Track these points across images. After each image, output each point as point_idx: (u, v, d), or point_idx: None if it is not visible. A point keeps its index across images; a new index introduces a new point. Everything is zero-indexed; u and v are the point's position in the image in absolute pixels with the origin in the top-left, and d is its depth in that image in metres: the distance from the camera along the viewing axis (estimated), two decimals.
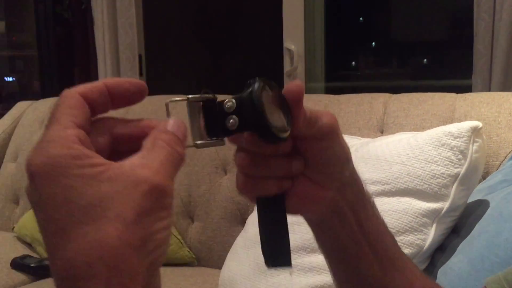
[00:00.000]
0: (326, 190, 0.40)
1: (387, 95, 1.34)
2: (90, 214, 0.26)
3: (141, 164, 0.29)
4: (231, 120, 0.35)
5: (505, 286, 0.51)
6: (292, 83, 0.38)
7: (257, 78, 0.36)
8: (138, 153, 0.30)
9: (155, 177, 0.28)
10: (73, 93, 0.31)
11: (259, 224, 0.39)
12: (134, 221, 0.27)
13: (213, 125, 0.36)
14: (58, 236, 0.27)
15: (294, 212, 0.41)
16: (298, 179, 0.39)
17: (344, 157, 0.40)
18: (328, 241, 0.44)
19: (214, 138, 0.36)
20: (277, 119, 0.35)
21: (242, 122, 0.35)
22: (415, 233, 0.93)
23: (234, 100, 0.35)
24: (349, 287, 0.46)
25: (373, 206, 0.44)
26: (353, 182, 0.42)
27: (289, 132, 0.36)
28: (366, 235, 0.42)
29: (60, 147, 0.28)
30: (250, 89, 0.35)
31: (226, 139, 0.37)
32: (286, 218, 0.39)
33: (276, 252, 0.39)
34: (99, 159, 0.28)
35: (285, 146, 0.37)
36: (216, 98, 0.37)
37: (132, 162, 0.29)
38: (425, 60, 2.44)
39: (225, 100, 0.36)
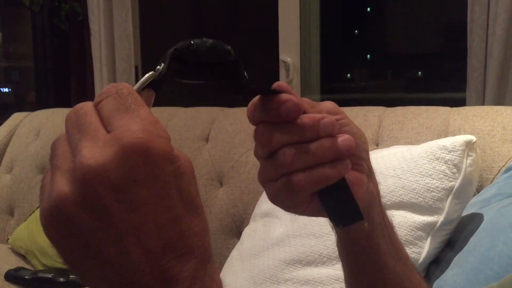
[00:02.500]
0: (362, 173, 0.40)
1: (382, 108, 1.35)
2: (192, 205, 0.29)
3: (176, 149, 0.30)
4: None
5: None
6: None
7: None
8: None
9: (187, 157, 0.31)
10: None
11: (320, 196, 0.38)
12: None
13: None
14: (174, 216, 0.28)
15: None
16: None
17: (363, 135, 0.40)
18: (363, 238, 0.43)
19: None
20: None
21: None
22: (410, 246, 0.93)
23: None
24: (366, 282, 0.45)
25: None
26: (372, 171, 0.42)
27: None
28: (387, 228, 0.42)
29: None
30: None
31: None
32: (345, 180, 0.37)
33: (345, 212, 0.38)
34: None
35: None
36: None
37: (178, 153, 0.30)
38: (419, 72, 2.46)
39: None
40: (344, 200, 0.37)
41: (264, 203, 1.22)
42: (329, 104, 0.40)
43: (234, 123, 1.52)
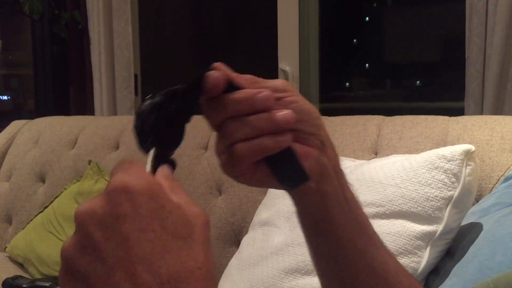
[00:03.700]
0: (311, 147, 0.41)
1: (380, 117, 1.36)
2: (182, 234, 0.30)
3: (186, 202, 0.32)
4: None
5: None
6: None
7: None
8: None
9: (204, 213, 0.32)
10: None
11: (268, 163, 0.40)
12: (208, 243, 0.32)
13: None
14: (159, 248, 0.29)
15: None
16: None
17: (314, 111, 0.41)
18: (314, 209, 0.43)
19: None
20: None
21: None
22: (410, 256, 0.93)
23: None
24: (329, 266, 0.45)
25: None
26: (331, 143, 0.42)
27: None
28: (347, 201, 0.42)
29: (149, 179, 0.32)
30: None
31: None
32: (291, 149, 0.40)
33: (291, 176, 0.40)
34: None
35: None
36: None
37: (178, 201, 0.32)
38: (418, 82, 2.47)
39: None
40: (290, 165, 0.40)
41: (263, 212, 1.22)
42: (278, 82, 0.41)
43: None
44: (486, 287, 0.51)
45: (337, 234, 0.43)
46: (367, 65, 2.59)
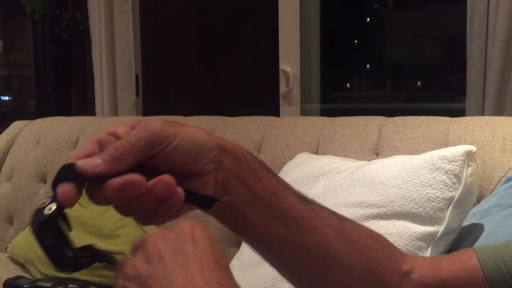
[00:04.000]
0: (205, 174, 0.41)
1: (382, 118, 1.36)
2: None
3: None
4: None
5: (499, 263, 0.48)
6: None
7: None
8: None
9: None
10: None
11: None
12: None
13: None
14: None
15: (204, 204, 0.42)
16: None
17: (195, 148, 0.40)
18: (233, 219, 0.44)
19: None
20: None
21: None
22: None
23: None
24: (278, 267, 0.47)
25: (263, 167, 0.44)
26: (231, 150, 0.42)
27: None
28: (260, 198, 0.43)
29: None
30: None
31: None
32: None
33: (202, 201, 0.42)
34: None
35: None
36: None
37: None
38: (419, 82, 2.47)
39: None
40: (199, 198, 0.42)
41: None
42: (143, 132, 0.40)
43: (235, 132, 1.52)
44: (489, 252, 0.50)
45: (259, 233, 0.44)
46: (368, 66, 2.59)
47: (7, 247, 1.59)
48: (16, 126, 1.92)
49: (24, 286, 1.36)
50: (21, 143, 1.83)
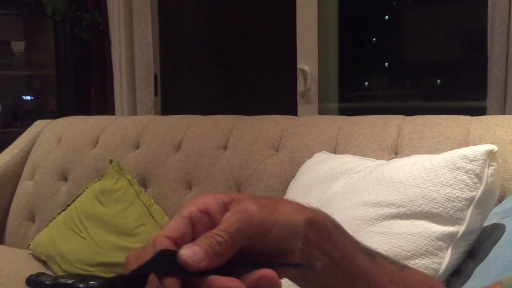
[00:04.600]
0: (293, 253, 0.40)
1: (401, 117, 1.35)
2: None
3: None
4: None
5: None
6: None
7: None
8: None
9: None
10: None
11: None
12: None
13: None
14: None
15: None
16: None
17: (289, 233, 0.39)
18: (308, 283, 0.44)
19: None
20: None
21: None
22: (431, 257, 0.93)
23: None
24: None
25: (338, 229, 0.44)
26: (311, 229, 0.40)
27: None
28: (336, 264, 0.43)
29: None
30: None
31: None
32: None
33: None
34: None
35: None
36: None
37: None
38: (438, 81, 2.44)
39: None
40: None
41: None
42: (228, 221, 0.38)
43: (252, 131, 1.52)
44: None
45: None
46: (386, 64, 2.57)
47: (29, 244, 1.62)
48: (38, 125, 1.95)
49: (47, 282, 1.39)
50: (43, 142, 1.86)
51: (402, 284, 0.46)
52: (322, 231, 0.41)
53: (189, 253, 0.35)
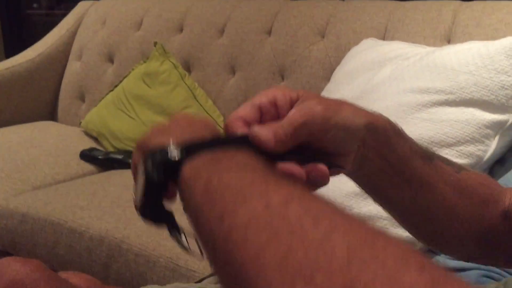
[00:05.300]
0: (349, 154, 0.41)
1: (457, 2, 1.27)
2: None
3: None
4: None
5: None
6: None
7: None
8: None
9: None
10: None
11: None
12: None
13: None
14: None
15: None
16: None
17: (349, 135, 0.40)
18: (365, 183, 0.46)
19: None
20: None
21: None
22: (477, 144, 0.92)
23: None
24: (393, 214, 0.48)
25: (397, 134, 0.44)
26: (369, 133, 0.41)
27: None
28: (393, 166, 0.44)
29: None
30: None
31: None
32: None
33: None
34: None
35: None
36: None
37: None
38: None
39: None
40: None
41: None
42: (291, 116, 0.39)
43: (298, 16, 1.48)
44: None
45: (386, 195, 0.46)
46: None
47: (80, 122, 1.70)
48: (83, 6, 1.95)
49: (99, 157, 1.47)
50: (88, 23, 1.87)
51: (458, 186, 0.47)
52: (380, 136, 0.42)
53: (259, 130, 0.38)
